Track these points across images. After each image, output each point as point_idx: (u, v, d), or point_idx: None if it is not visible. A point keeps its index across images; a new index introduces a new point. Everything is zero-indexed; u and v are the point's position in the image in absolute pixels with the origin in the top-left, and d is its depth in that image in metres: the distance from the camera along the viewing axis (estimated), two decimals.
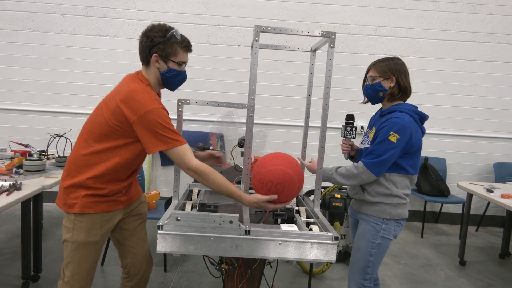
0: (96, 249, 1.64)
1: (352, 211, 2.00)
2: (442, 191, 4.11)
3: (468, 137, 4.46)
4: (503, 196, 2.94)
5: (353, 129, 1.96)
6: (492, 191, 3.11)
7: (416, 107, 1.81)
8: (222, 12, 4.22)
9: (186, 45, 1.63)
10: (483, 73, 4.38)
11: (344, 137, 1.97)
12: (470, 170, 4.52)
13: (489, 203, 4.33)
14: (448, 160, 4.45)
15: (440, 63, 4.36)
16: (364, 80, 1.90)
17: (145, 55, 1.61)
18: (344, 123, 1.97)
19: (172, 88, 1.69)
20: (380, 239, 1.78)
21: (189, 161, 1.51)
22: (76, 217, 1.57)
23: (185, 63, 1.66)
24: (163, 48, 1.57)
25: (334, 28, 4.21)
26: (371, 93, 1.84)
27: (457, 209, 4.48)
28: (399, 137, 1.67)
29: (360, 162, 1.75)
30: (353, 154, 2.03)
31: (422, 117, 1.80)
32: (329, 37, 1.62)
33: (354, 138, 1.98)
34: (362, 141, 1.93)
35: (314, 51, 2.03)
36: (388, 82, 1.79)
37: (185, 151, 1.52)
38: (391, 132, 1.68)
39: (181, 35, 1.61)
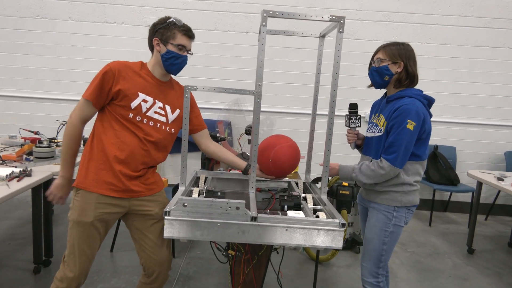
0: (90, 231, 1.62)
1: (361, 199, 1.98)
2: (451, 180, 4.07)
3: (479, 125, 4.38)
4: None
5: (358, 117, 1.90)
6: (502, 180, 3.07)
7: (422, 91, 1.78)
8: None
9: (185, 29, 1.69)
10: (496, 60, 4.27)
11: (349, 126, 1.91)
12: (481, 159, 4.46)
13: (499, 192, 4.27)
14: (458, 148, 4.40)
15: (452, 50, 4.27)
16: (371, 63, 1.83)
17: (149, 42, 1.73)
18: (347, 112, 1.91)
19: (173, 71, 1.73)
20: (393, 227, 1.77)
21: (73, 111, 1.65)
22: (75, 195, 1.65)
23: (185, 47, 1.69)
24: (162, 32, 1.68)
25: (343, 14, 4.11)
26: (377, 76, 1.78)
27: (466, 197, 4.44)
28: (415, 124, 1.64)
29: (383, 160, 1.69)
30: (360, 143, 1.99)
31: (430, 101, 1.77)
32: (338, 22, 1.59)
33: (359, 127, 1.92)
34: (369, 129, 1.88)
35: (322, 36, 1.99)
36: (396, 67, 1.74)
37: (80, 105, 1.64)
38: (408, 120, 1.63)
39: (183, 23, 1.71)
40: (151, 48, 1.74)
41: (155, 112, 1.69)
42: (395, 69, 1.75)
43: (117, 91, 1.61)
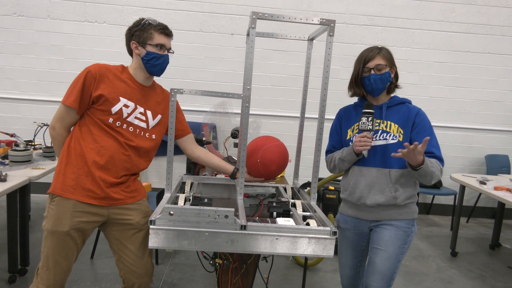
0: (65, 242, 1.53)
1: (356, 221, 1.75)
2: (434, 183, 4.12)
3: (461, 129, 4.47)
4: (496, 189, 2.95)
5: (375, 119, 1.63)
6: (485, 183, 3.12)
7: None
8: None
9: (161, 28, 1.64)
10: (477, 65, 4.36)
11: (371, 129, 1.60)
12: (462, 162, 4.54)
13: (480, 194, 4.36)
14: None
15: (434, 54, 4.34)
16: (363, 70, 1.66)
17: (128, 46, 1.68)
18: (363, 114, 1.63)
19: (156, 72, 1.67)
20: (409, 242, 1.68)
21: (54, 120, 1.60)
22: (50, 202, 1.57)
23: (164, 46, 1.64)
24: (139, 35, 1.63)
25: (329, 17, 4.13)
26: (380, 84, 1.63)
27: (448, 200, 4.51)
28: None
29: (436, 161, 1.58)
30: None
31: None
32: (328, 25, 1.56)
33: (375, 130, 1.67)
34: (377, 137, 1.66)
35: (311, 40, 1.96)
36: (392, 72, 1.69)
37: (61, 113, 1.59)
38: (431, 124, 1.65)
39: (158, 22, 1.66)
40: (130, 52, 1.69)
41: (136, 118, 1.63)
42: (392, 74, 1.70)
43: (98, 95, 1.55)
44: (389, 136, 1.64)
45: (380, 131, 1.66)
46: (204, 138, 2.65)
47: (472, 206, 4.44)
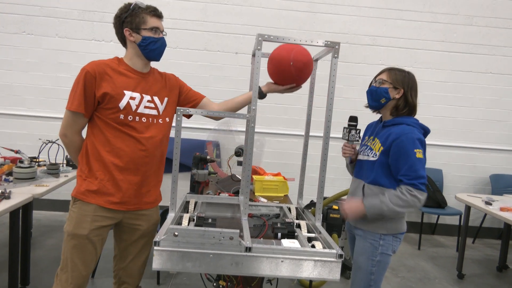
0: (84, 245, 1.55)
1: (349, 226, 1.93)
2: (439, 203, 4.08)
3: (465, 148, 4.45)
4: (502, 209, 2.92)
5: (357, 131, 1.84)
6: (490, 204, 3.08)
7: (418, 120, 1.77)
8: (220, 19, 4.19)
9: (152, 10, 1.62)
10: (479, 84, 4.39)
11: (347, 140, 1.85)
12: (467, 182, 4.51)
13: (485, 214, 4.31)
14: (444, 171, 4.44)
15: (437, 74, 4.37)
16: (372, 82, 1.80)
17: (120, 35, 1.65)
18: (346, 125, 1.85)
19: (155, 57, 1.66)
20: (380, 256, 1.72)
21: (64, 127, 1.58)
22: (72, 205, 1.59)
23: (159, 28, 1.64)
24: (130, 21, 1.59)
25: (332, 37, 4.20)
26: (374, 96, 1.74)
27: (453, 220, 4.46)
28: (422, 150, 1.62)
29: (413, 189, 1.59)
30: (354, 158, 1.93)
31: (426, 131, 1.76)
32: (333, 47, 1.58)
33: (357, 141, 1.88)
34: (362, 152, 1.85)
35: (316, 60, 1.98)
36: (395, 92, 1.72)
37: (69, 119, 1.57)
38: (415, 150, 1.59)
39: (146, 4, 1.63)
40: (123, 41, 1.66)
41: (146, 107, 1.62)
42: (394, 95, 1.72)
43: (103, 94, 1.53)
44: (371, 153, 1.75)
45: (368, 147, 1.79)
46: (208, 157, 2.65)
47: (478, 227, 4.38)
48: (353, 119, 1.84)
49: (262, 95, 1.79)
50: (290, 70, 1.70)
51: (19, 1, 4.03)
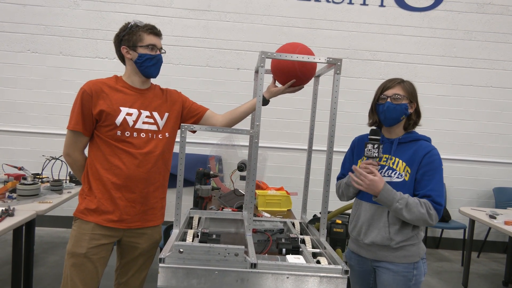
0: (83, 263, 1.54)
1: (359, 258, 1.69)
2: (443, 216, 4.06)
3: (467, 161, 4.45)
4: (506, 223, 2.90)
5: (376, 146, 1.53)
6: (495, 218, 3.06)
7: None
8: (222, 35, 4.26)
9: (149, 28, 1.65)
10: (480, 98, 4.41)
11: (376, 157, 1.52)
12: (470, 195, 4.49)
13: (490, 228, 4.27)
14: (447, 184, 4.42)
15: (437, 88, 4.40)
16: (379, 97, 1.63)
17: (119, 53, 1.68)
18: (369, 140, 1.56)
19: (151, 74, 1.68)
20: (414, 286, 1.57)
21: (67, 147, 1.62)
22: (73, 224, 1.62)
23: (156, 46, 1.66)
24: (128, 39, 1.63)
25: (332, 53, 4.25)
26: (394, 114, 1.57)
27: (457, 234, 4.42)
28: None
29: (432, 209, 1.49)
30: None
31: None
32: (335, 64, 1.60)
33: (381, 158, 1.60)
34: (382, 173, 1.61)
35: (317, 76, 2.01)
36: (410, 107, 1.62)
37: (71, 139, 1.60)
38: (442, 167, 1.55)
39: (144, 23, 1.66)
40: (122, 59, 1.69)
41: (144, 123, 1.63)
42: (410, 109, 1.62)
43: (99, 112, 1.56)
44: (395, 174, 1.59)
45: (386, 167, 1.61)
46: (211, 172, 2.66)
47: (483, 241, 4.34)
48: (377, 133, 1.56)
49: (265, 101, 1.79)
50: (293, 66, 1.71)
51: (24, 20, 4.11)
